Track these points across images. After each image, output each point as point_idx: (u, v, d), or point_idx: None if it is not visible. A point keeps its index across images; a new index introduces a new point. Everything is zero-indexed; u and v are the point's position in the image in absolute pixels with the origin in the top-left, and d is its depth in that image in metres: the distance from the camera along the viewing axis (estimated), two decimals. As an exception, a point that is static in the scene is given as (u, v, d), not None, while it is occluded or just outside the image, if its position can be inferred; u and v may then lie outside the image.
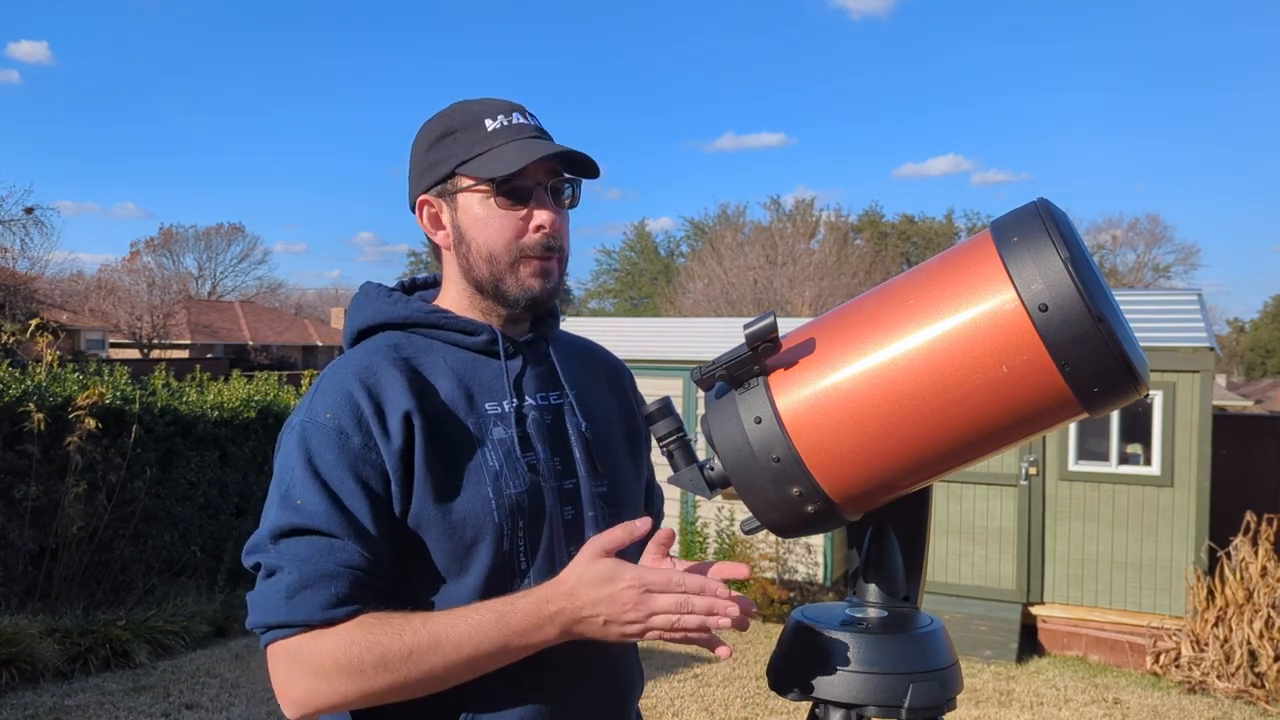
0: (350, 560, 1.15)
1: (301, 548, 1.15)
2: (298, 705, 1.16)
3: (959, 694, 1.20)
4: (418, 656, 1.11)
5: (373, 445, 1.19)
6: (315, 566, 1.13)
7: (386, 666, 1.11)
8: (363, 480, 1.18)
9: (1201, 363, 7.35)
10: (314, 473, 1.17)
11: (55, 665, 5.23)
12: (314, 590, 1.13)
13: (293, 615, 1.13)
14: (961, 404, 1.04)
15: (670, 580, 1.09)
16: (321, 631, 1.13)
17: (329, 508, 1.16)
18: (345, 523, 1.15)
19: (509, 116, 1.31)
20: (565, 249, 1.33)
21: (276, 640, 1.15)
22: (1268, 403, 30.96)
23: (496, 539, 1.22)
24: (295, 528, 1.16)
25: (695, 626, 1.09)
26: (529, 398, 1.32)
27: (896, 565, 1.24)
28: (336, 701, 1.14)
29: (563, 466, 1.31)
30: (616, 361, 1.55)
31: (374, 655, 1.11)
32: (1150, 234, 42.67)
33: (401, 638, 1.12)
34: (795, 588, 8.45)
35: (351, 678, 1.11)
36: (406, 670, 1.11)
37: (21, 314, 17.35)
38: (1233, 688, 6.32)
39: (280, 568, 1.15)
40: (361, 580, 1.15)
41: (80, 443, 5.88)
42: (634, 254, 50.37)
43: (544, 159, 1.27)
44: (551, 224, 1.28)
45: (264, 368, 25.17)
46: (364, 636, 1.12)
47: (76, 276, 33.52)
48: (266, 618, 1.15)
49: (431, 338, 1.32)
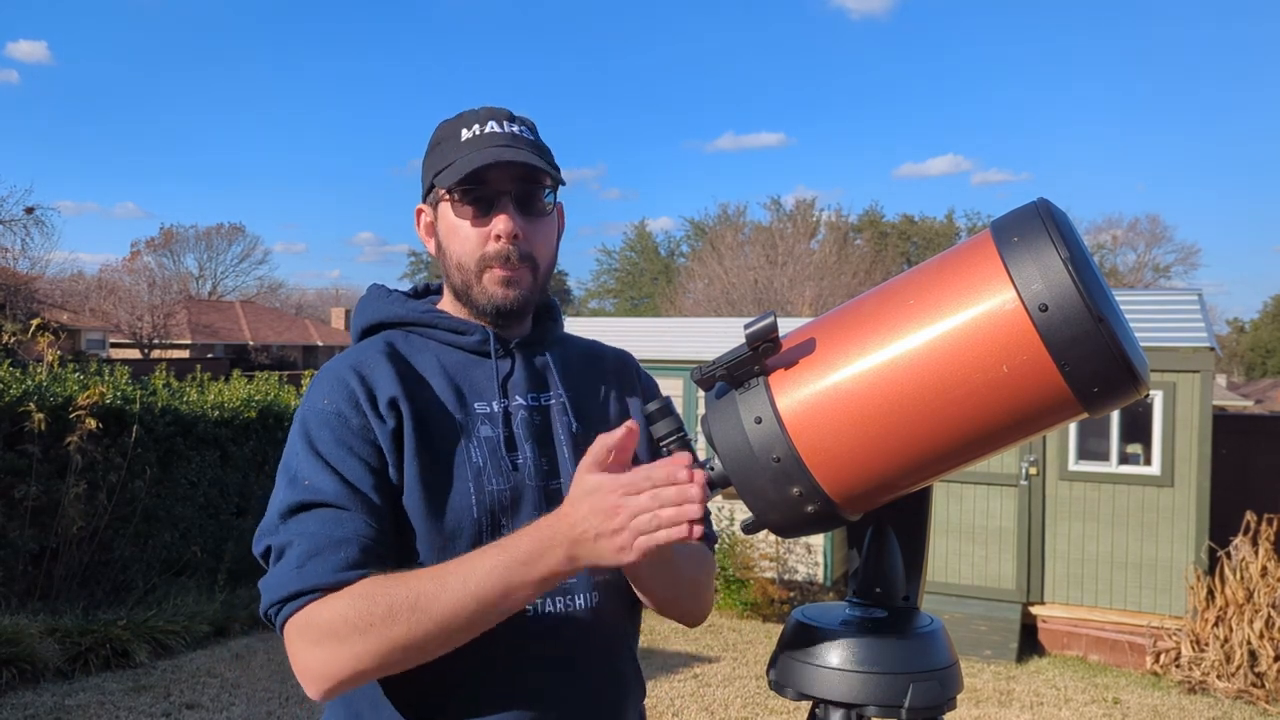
0: (359, 529, 1.17)
1: (310, 522, 1.17)
2: (317, 677, 1.15)
3: (959, 694, 1.20)
4: (426, 601, 1.10)
5: (369, 426, 1.23)
6: (325, 536, 1.16)
7: (395, 617, 1.10)
8: (362, 457, 1.21)
9: (1201, 363, 7.35)
10: (316, 453, 1.21)
11: (55, 665, 5.23)
12: (324, 556, 1.15)
13: (304, 582, 1.14)
14: (961, 404, 1.04)
15: (639, 476, 1.05)
16: (332, 596, 1.13)
17: (335, 482, 1.19)
18: (352, 495, 1.19)
19: (484, 125, 1.33)
20: (539, 257, 1.34)
21: (291, 616, 1.15)
22: (1268, 403, 30.97)
23: (475, 534, 1.23)
24: (303, 503, 1.18)
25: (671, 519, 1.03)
26: (518, 398, 1.33)
27: (896, 565, 1.24)
28: (353, 666, 1.12)
29: (549, 467, 1.31)
30: (621, 355, 1.53)
31: (382, 607, 1.10)
32: (1150, 234, 42.73)
33: (408, 585, 1.11)
34: (795, 588, 8.46)
35: (364, 634, 1.11)
36: (415, 619, 1.10)
37: (22, 314, 17.38)
38: (1233, 688, 6.32)
39: (290, 544, 1.17)
40: (370, 548, 1.17)
41: (80, 443, 5.89)
42: (634, 254, 50.41)
43: (505, 168, 1.28)
44: (508, 232, 1.29)
45: (264, 368, 25.19)
46: (371, 589, 1.12)
47: (77, 276, 33.58)
48: (278, 593, 1.15)
49: (428, 337, 1.36)
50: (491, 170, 1.28)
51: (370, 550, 1.17)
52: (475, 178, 1.28)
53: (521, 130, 1.35)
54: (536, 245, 1.33)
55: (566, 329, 1.52)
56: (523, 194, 1.31)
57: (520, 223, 1.30)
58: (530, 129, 1.38)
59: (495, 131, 1.32)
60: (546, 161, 1.33)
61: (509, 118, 1.36)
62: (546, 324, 1.44)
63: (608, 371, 1.47)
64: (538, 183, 1.32)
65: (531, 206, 1.32)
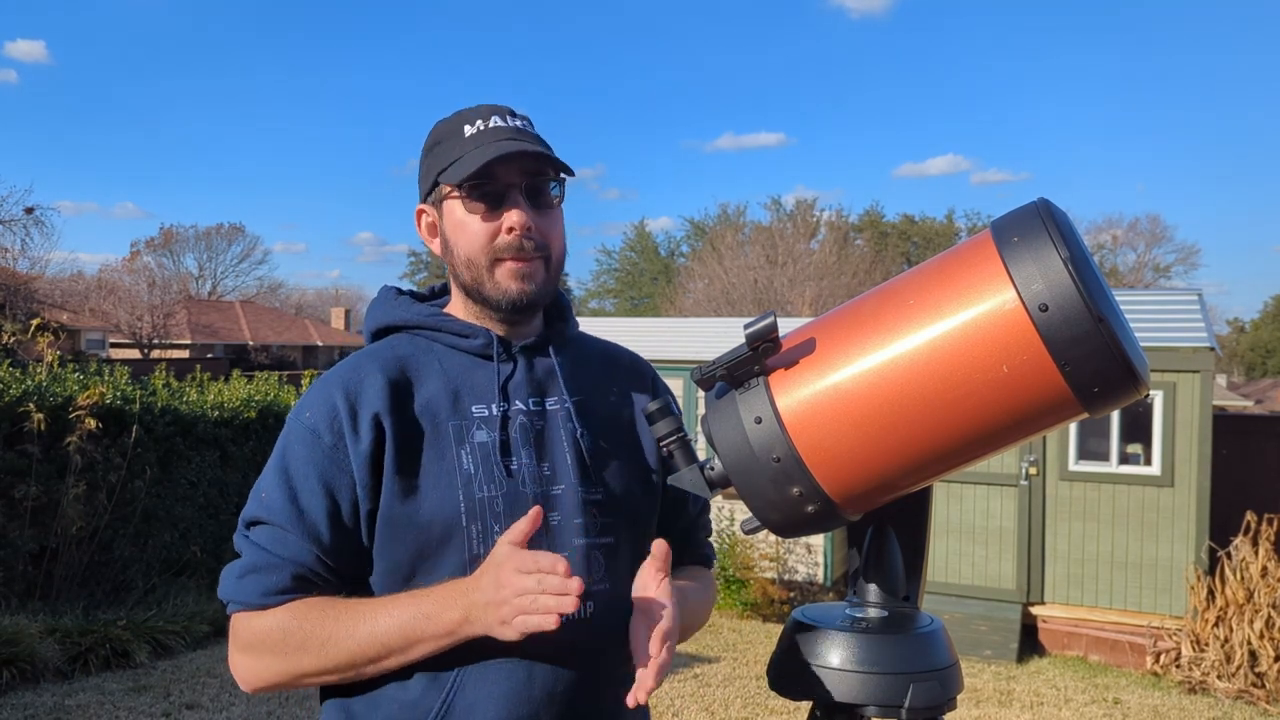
0: (295, 554, 1.22)
1: (261, 536, 1.24)
2: (240, 679, 1.27)
3: (959, 694, 1.20)
4: (335, 642, 1.19)
5: (341, 446, 1.24)
6: (263, 556, 1.23)
7: (306, 650, 1.20)
8: (325, 479, 1.24)
9: (1201, 363, 7.35)
10: (283, 469, 1.26)
11: (55, 665, 5.23)
12: (257, 576, 1.23)
13: (237, 594, 1.24)
14: (962, 404, 1.04)
15: (529, 560, 1.08)
16: (260, 612, 1.23)
17: (285, 503, 1.23)
18: (298, 518, 1.23)
19: (487, 120, 1.32)
20: (553, 248, 1.33)
21: (230, 616, 1.27)
22: (1268, 403, 30.97)
23: (463, 542, 1.23)
24: (257, 519, 1.26)
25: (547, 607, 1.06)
26: (518, 402, 1.32)
27: (896, 565, 1.24)
28: (270, 678, 1.24)
29: (550, 472, 1.30)
30: (638, 361, 1.51)
31: (296, 639, 1.20)
32: (1150, 234, 42.72)
33: (322, 624, 1.19)
34: (795, 588, 8.46)
35: (276, 657, 1.21)
36: (323, 655, 1.19)
37: (22, 314, 17.37)
38: (1233, 688, 6.32)
39: (243, 550, 1.26)
40: (302, 574, 1.22)
41: (80, 443, 5.89)
42: (634, 254, 50.39)
43: (515, 161, 1.28)
44: (522, 224, 1.28)
45: (264, 368, 25.19)
46: (289, 621, 1.21)
47: (77, 276, 33.56)
48: (222, 594, 1.27)
49: (433, 340, 1.35)
50: (500, 164, 1.27)
51: (302, 576, 1.22)
52: (486, 172, 1.27)
53: (524, 124, 1.35)
54: (549, 237, 1.32)
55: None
56: (532, 186, 1.30)
57: (531, 215, 1.30)
58: (529, 124, 1.37)
59: (500, 126, 1.32)
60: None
61: (510, 113, 1.35)
62: (557, 324, 1.42)
63: (622, 376, 1.45)
64: (545, 175, 1.32)
65: (541, 199, 1.31)
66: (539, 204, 1.31)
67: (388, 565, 1.25)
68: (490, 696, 1.21)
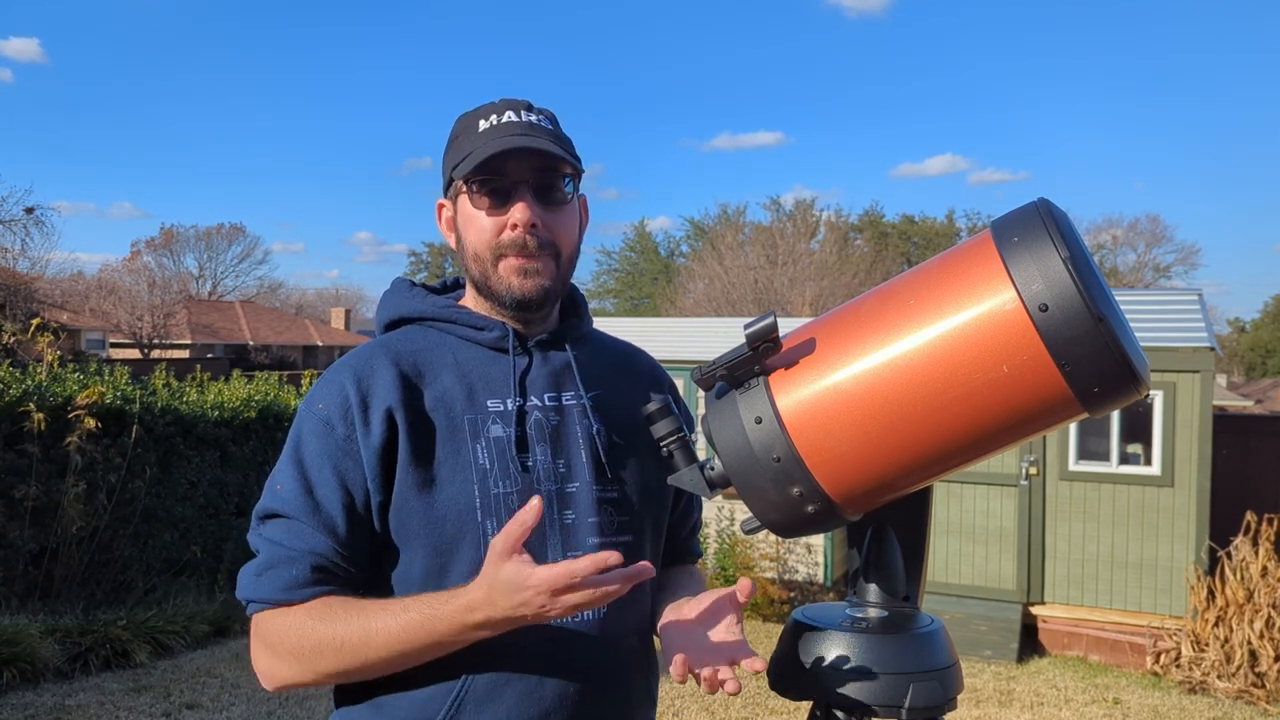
0: (313, 546, 1.21)
1: (277, 530, 1.23)
2: (263, 678, 1.26)
3: (959, 694, 1.20)
4: (350, 649, 1.17)
5: (353, 438, 1.23)
6: (281, 550, 1.21)
7: (322, 654, 1.18)
8: (339, 471, 1.23)
9: (1201, 363, 7.34)
10: (297, 460, 1.24)
11: (55, 665, 5.23)
12: (276, 571, 1.21)
13: (258, 592, 1.22)
14: (962, 404, 1.04)
15: (571, 575, 1.06)
16: (282, 610, 1.21)
17: (300, 495, 1.22)
18: (313, 510, 1.21)
19: (501, 115, 1.32)
20: (562, 245, 1.32)
21: (252, 615, 1.25)
22: (1268, 403, 30.95)
23: (478, 538, 1.22)
24: (272, 512, 1.24)
25: (604, 598, 1.08)
26: (534, 397, 1.31)
27: (896, 565, 1.24)
28: (291, 679, 1.22)
29: (566, 469, 1.29)
30: (659, 371, 1.51)
31: (311, 642, 1.18)
32: (1150, 234, 42.72)
33: (337, 629, 1.18)
34: (795, 588, 8.46)
35: (296, 659, 1.20)
36: (341, 659, 1.18)
37: (22, 314, 17.37)
38: (1233, 688, 6.32)
39: (258, 548, 1.24)
40: (322, 565, 1.21)
41: (80, 443, 5.88)
42: (634, 254, 50.38)
43: (523, 157, 1.27)
44: (525, 221, 1.27)
45: (264, 367, 25.18)
46: (308, 623, 1.19)
47: (77, 276, 33.56)
48: (241, 593, 1.25)
49: (447, 332, 1.34)
50: (509, 159, 1.27)
51: (322, 567, 1.21)
52: (491, 167, 1.27)
53: (540, 120, 1.33)
54: (558, 233, 1.31)
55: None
56: (541, 183, 1.29)
57: (539, 211, 1.29)
58: (550, 119, 1.36)
59: (513, 121, 1.31)
60: (566, 151, 1.31)
61: (527, 108, 1.34)
62: (571, 320, 1.41)
63: (639, 376, 1.45)
64: (556, 171, 1.31)
65: (550, 195, 1.30)
66: (549, 200, 1.30)
67: (402, 559, 1.24)
68: (501, 698, 1.21)
